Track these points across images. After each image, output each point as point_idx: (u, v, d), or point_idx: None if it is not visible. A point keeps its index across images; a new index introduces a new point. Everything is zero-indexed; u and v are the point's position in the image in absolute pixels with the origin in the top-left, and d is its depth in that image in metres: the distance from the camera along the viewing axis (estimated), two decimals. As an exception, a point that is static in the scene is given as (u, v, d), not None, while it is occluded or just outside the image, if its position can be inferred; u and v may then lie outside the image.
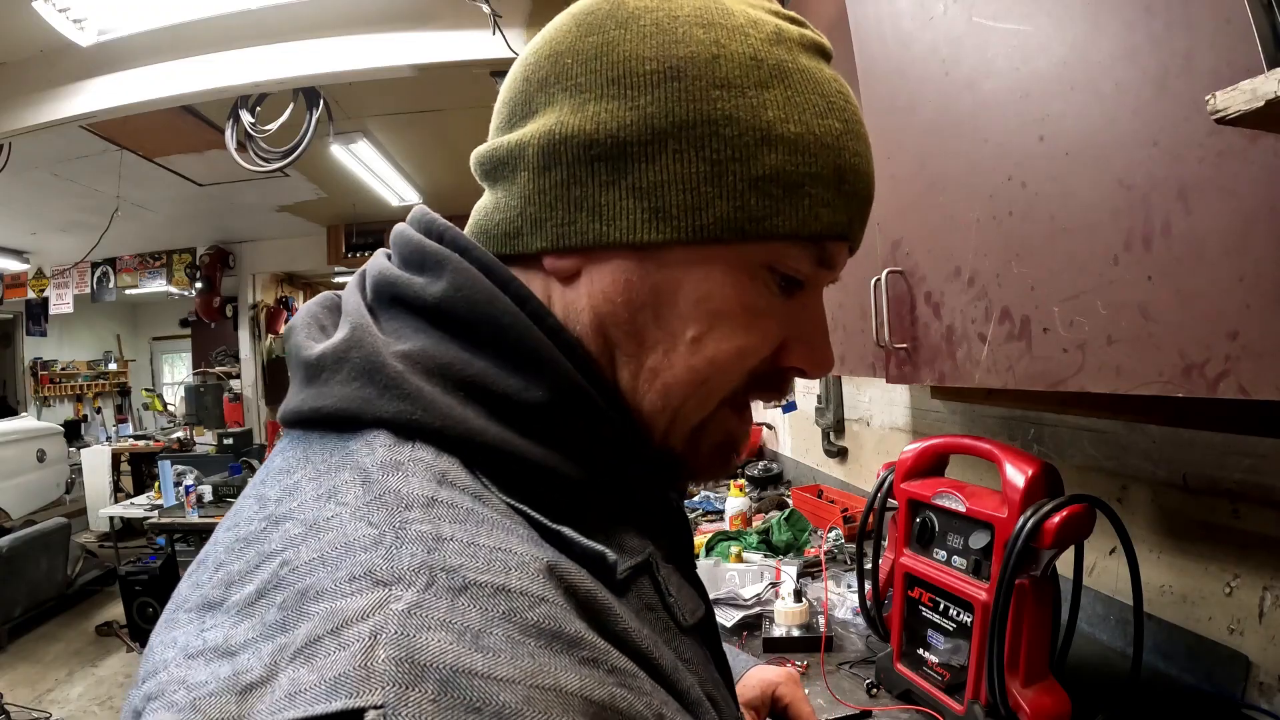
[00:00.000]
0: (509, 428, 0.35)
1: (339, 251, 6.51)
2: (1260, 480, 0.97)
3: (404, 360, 0.35)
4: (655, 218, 0.37)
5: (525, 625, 0.27)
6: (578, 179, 0.38)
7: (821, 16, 1.44)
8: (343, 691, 0.24)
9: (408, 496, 0.31)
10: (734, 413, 0.43)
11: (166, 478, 4.36)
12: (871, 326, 1.21)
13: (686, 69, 0.37)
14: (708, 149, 0.37)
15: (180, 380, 9.53)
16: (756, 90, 0.37)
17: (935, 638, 1.08)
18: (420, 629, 0.25)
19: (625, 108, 0.37)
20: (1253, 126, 0.46)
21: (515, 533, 0.31)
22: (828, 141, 0.38)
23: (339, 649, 0.25)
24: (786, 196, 0.37)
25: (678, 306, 0.38)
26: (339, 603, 0.26)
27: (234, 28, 2.51)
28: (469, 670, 0.25)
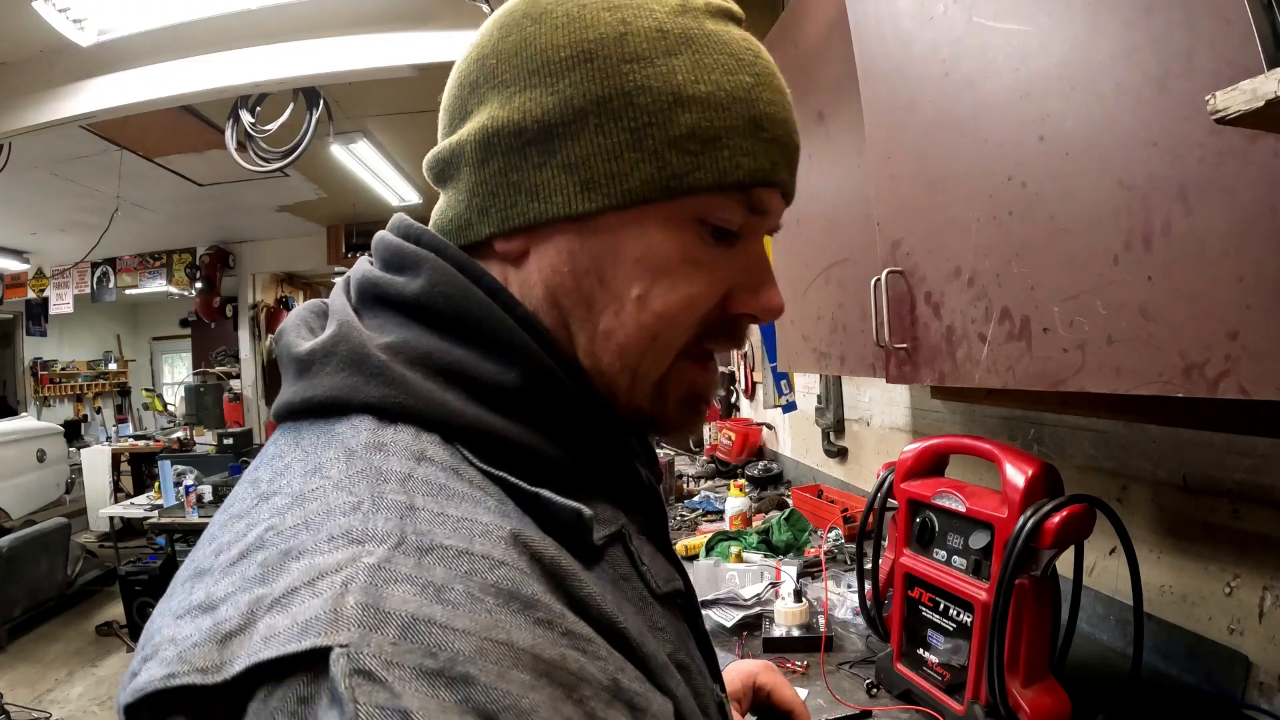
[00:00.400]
0: (487, 408, 0.38)
1: (339, 251, 6.51)
2: (1260, 480, 0.97)
3: (387, 351, 0.38)
4: (586, 189, 0.40)
5: (485, 584, 0.29)
6: (513, 165, 0.41)
7: (821, 16, 1.44)
8: (312, 632, 0.26)
9: (387, 472, 0.33)
10: (694, 363, 0.44)
11: (166, 478, 4.36)
12: (871, 326, 1.21)
13: (597, 50, 0.39)
14: (625, 118, 0.39)
15: (180, 380, 9.53)
16: (665, 58, 0.40)
17: (935, 638, 1.08)
18: (387, 581, 0.28)
19: (547, 94, 0.40)
20: (1253, 126, 0.46)
21: (484, 505, 0.34)
22: (739, 95, 0.40)
23: (313, 597, 0.27)
24: (705, 151, 0.40)
25: (620, 268, 0.41)
26: (316, 559, 0.29)
27: (234, 28, 2.51)
28: (428, 619, 0.27)
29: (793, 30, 1.62)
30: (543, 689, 0.28)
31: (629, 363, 0.42)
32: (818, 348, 1.59)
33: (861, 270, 1.32)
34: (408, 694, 0.25)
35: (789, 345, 1.81)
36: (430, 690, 0.25)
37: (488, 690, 0.26)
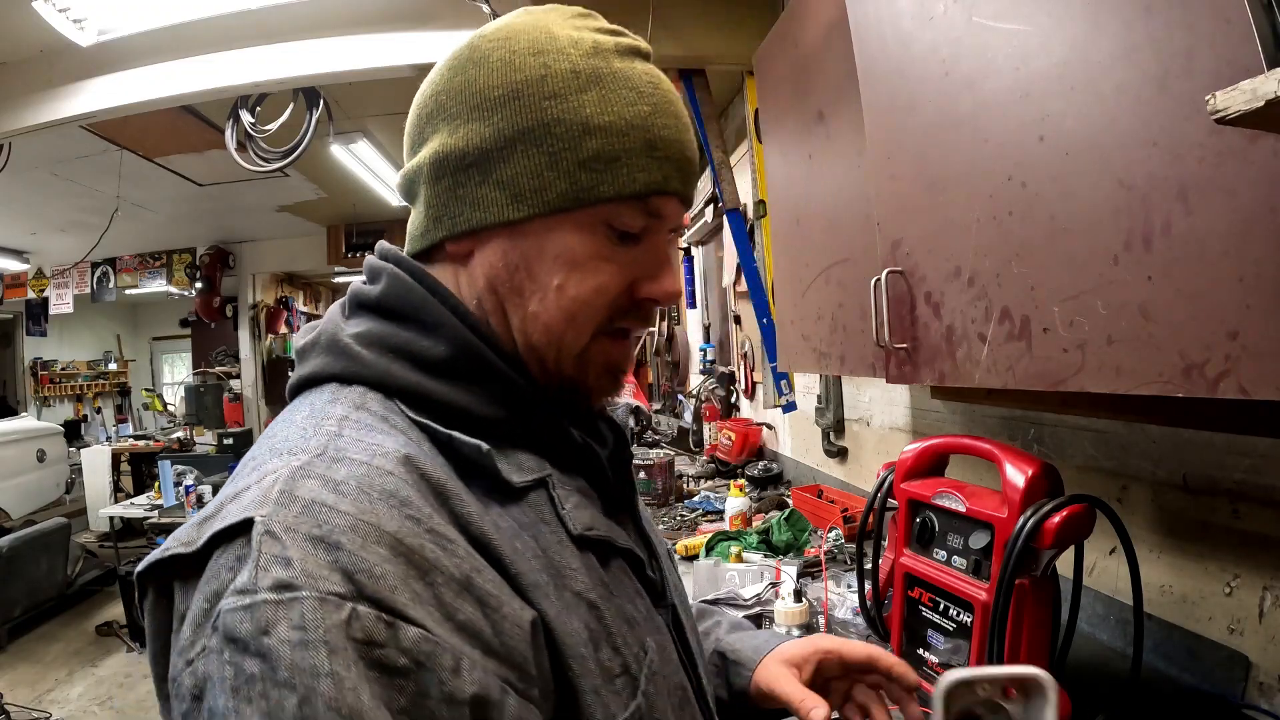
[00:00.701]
0: (425, 374, 0.49)
1: (339, 251, 6.51)
2: (1260, 480, 0.97)
3: (354, 337, 0.50)
4: (515, 201, 0.50)
5: (371, 485, 0.40)
6: (459, 183, 0.51)
7: (821, 16, 1.44)
8: (248, 510, 0.38)
9: (331, 414, 0.46)
10: (610, 340, 0.54)
11: (166, 478, 4.37)
12: (871, 326, 1.21)
13: (523, 89, 0.49)
14: (545, 145, 0.49)
15: (180, 380, 9.53)
16: (577, 95, 0.49)
17: (935, 638, 1.08)
18: (303, 477, 0.40)
19: (485, 125, 0.50)
20: (1253, 126, 0.46)
21: (393, 437, 0.45)
22: (637, 123, 0.50)
23: (256, 489, 0.40)
24: (607, 169, 0.49)
25: (543, 263, 0.51)
26: (264, 465, 0.42)
27: (234, 28, 2.50)
28: (323, 503, 0.38)
29: (793, 30, 1.62)
30: (397, 564, 0.37)
31: (553, 338, 0.52)
32: (818, 348, 1.59)
33: (861, 270, 1.31)
34: (293, 548, 0.36)
35: (789, 345, 1.81)
36: (311, 548, 0.36)
37: (351, 555, 0.37)
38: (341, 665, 0.33)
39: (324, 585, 0.35)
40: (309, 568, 0.35)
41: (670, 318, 5.39)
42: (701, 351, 4.19)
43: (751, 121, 2.47)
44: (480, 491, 0.46)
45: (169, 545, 0.40)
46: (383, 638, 0.35)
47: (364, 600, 0.35)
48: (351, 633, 0.34)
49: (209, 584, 0.37)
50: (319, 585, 0.35)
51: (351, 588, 0.35)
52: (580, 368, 0.53)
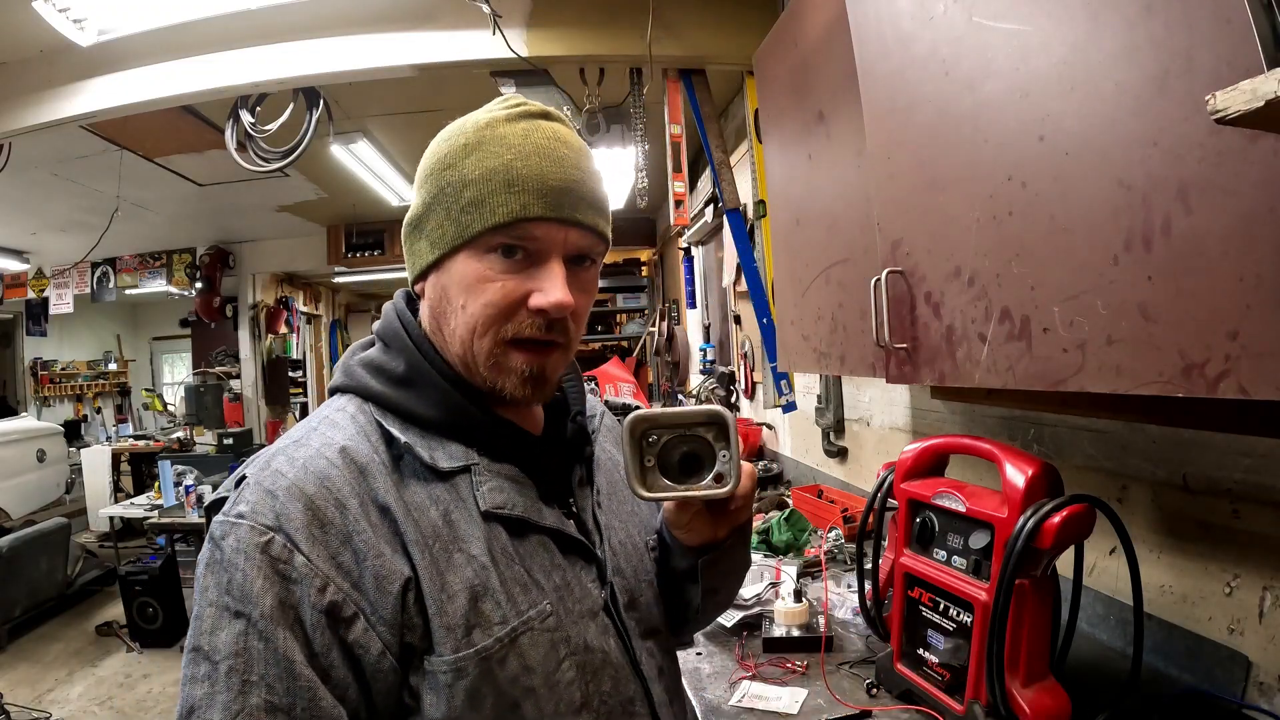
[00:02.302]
0: (390, 386, 0.67)
1: (339, 251, 6.50)
2: (1260, 480, 0.97)
3: (357, 362, 0.71)
4: (432, 247, 0.66)
5: (311, 465, 0.60)
6: (412, 239, 0.69)
7: (821, 16, 1.44)
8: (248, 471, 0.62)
9: (321, 415, 0.67)
10: (515, 350, 0.65)
11: (166, 478, 4.36)
12: (871, 326, 1.21)
13: (434, 166, 0.67)
14: (443, 203, 0.65)
15: (180, 380, 9.52)
16: (462, 160, 0.65)
17: (935, 638, 1.08)
18: (279, 455, 0.61)
19: (418, 196, 0.68)
20: (1253, 126, 0.46)
21: (345, 432, 0.64)
22: (500, 167, 0.63)
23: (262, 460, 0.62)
24: (477, 210, 0.63)
25: (452, 289, 0.66)
26: (273, 446, 0.64)
27: (234, 28, 2.50)
28: (280, 471, 0.59)
29: (793, 30, 1.62)
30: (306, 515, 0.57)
31: (466, 347, 0.66)
32: (818, 348, 1.59)
33: (861, 270, 1.31)
34: (253, 496, 0.58)
35: (789, 345, 1.81)
36: (262, 497, 0.58)
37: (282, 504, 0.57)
38: (250, 566, 0.55)
39: (260, 519, 0.56)
40: (256, 508, 0.57)
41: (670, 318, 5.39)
42: (701, 351, 4.19)
43: (751, 121, 2.47)
44: (408, 472, 0.63)
45: (220, 493, 0.63)
46: (284, 557, 0.55)
47: (280, 533, 0.56)
48: (269, 550, 0.55)
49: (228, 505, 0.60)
50: (257, 519, 0.56)
51: (276, 523, 0.56)
52: (494, 372, 0.66)
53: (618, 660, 0.68)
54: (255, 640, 0.53)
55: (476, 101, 0.73)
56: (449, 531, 0.61)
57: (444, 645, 0.58)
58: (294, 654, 0.54)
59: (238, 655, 0.53)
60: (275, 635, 0.53)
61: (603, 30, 2.47)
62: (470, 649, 0.58)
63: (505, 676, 0.59)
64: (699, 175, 3.87)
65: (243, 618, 0.54)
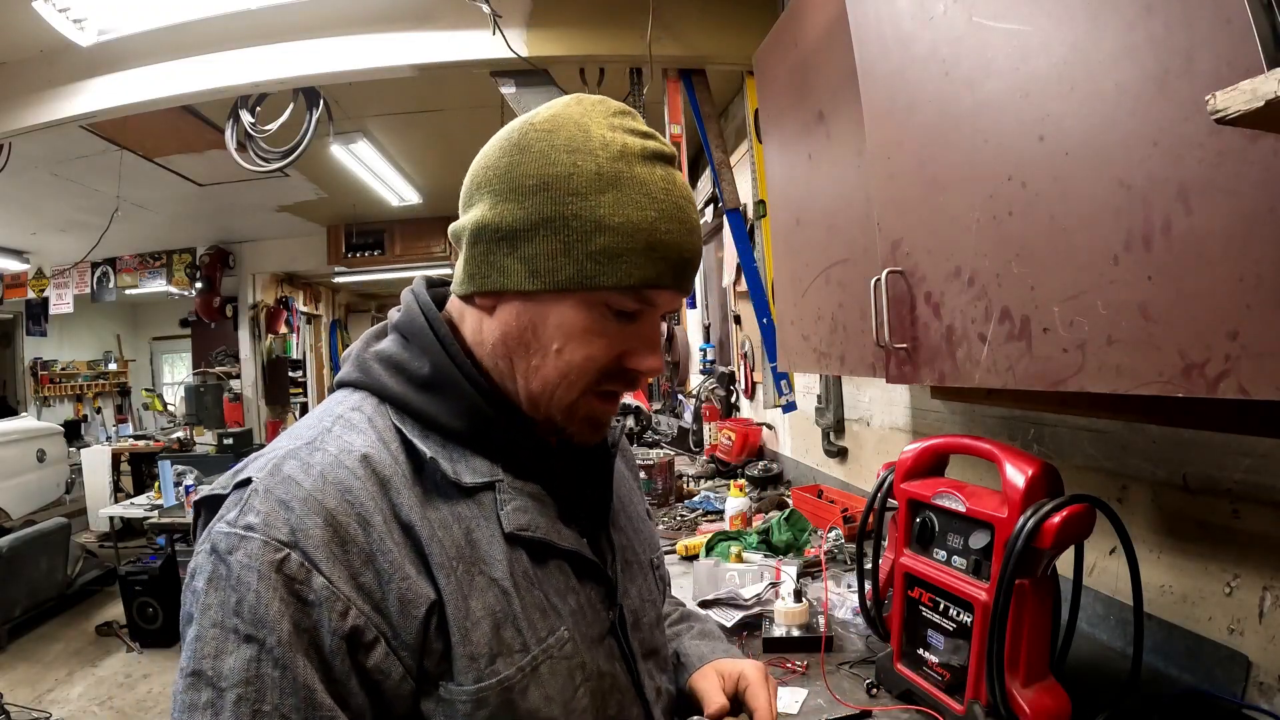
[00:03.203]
0: (410, 387, 0.62)
1: (339, 251, 6.51)
2: (1260, 480, 0.97)
3: (373, 355, 0.65)
4: (532, 275, 0.59)
5: (330, 474, 0.55)
6: (490, 251, 0.61)
7: (821, 16, 1.44)
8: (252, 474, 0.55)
9: (332, 413, 0.61)
10: (597, 399, 0.64)
11: (166, 478, 4.36)
12: (871, 326, 1.21)
13: (553, 183, 0.58)
14: (562, 234, 0.58)
15: (180, 380, 9.52)
16: (596, 195, 0.58)
17: (935, 638, 1.08)
18: (290, 459, 0.56)
19: (518, 207, 0.59)
20: (1253, 126, 0.46)
21: (366, 437, 0.58)
22: (643, 226, 0.58)
23: (264, 459, 0.57)
24: (610, 263, 0.58)
25: (547, 330, 0.61)
26: (277, 445, 0.59)
27: (234, 28, 2.50)
28: (293, 479, 0.54)
29: (793, 30, 1.62)
30: (326, 531, 0.52)
31: (548, 390, 0.62)
32: (818, 348, 1.59)
33: (861, 270, 1.31)
34: (264, 505, 0.53)
35: (789, 345, 1.81)
36: (274, 507, 0.52)
37: (299, 519, 0.52)
38: (264, 586, 0.50)
39: (273, 533, 0.51)
40: (269, 520, 0.52)
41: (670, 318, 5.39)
42: (701, 351, 4.19)
43: (751, 121, 2.47)
44: (430, 485, 0.59)
45: (214, 488, 0.57)
46: (300, 577, 0.51)
47: (297, 550, 0.51)
48: (284, 569, 0.50)
49: (221, 513, 0.54)
50: (270, 533, 0.51)
51: (292, 539, 0.51)
52: (567, 416, 0.64)
53: (624, 684, 0.66)
54: (269, 668, 0.49)
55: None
56: (471, 552, 0.58)
57: (465, 675, 0.55)
58: (313, 682, 0.50)
59: (248, 683, 0.49)
60: (293, 663, 0.49)
61: (603, 30, 2.47)
62: (493, 679, 0.55)
63: (526, 707, 0.57)
64: (699, 175, 3.87)
65: (254, 642, 0.49)
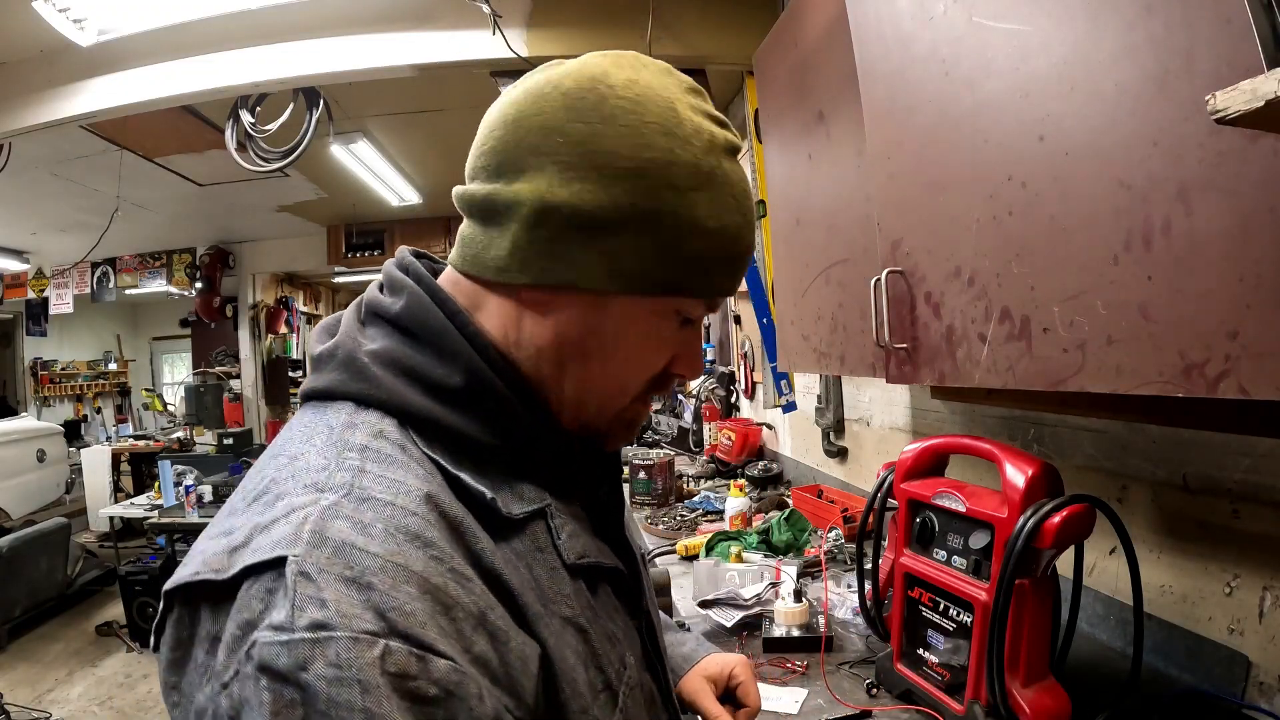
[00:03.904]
0: (436, 401, 0.50)
1: (339, 251, 6.50)
2: (1260, 480, 0.97)
3: (370, 356, 0.51)
4: (611, 275, 0.51)
5: (398, 526, 0.42)
6: (559, 239, 0.50)
7: (821, 16, 1.44)
8: (280, 547, 0.40)
9: (352, 443, 0.47)
10: (639, 403, 0.58)
11: (166, 478, 4.36)
12: (871, 326, 1.21)
13: (649, 169, 0.49)
14: (654, 232, 0.50)
15: (180, 380, 9.52)
16: (692, 192, 0.51)
17: (935, 638, 1.08)
18: (333, 517, 0.41)
19: (601, 190, 0.49)
20: (1253, 126, 0.46)
21: (414, 472, 0.46)
22: (732, 234, 0.53)
23: (286, 524, 0.41)
24: (701, 273, 0.53)
25: (614, 335, 0.53)
26: (293, 499, 0.43)
27: (234, 28, 2.50)
28: (353, 544, 0.40)
29: (793, 30, 1.62)
30: (424, 601, 0.40)
31: (603, 401, 0.56)
32: (818, 348, 1.59)
33: (861, 270, 1.31)
34: (328, 589, 0.38)
35: (789, 345, 1.81)
36: (344, 589, 0.38)
37: (382, 595, 0.39)
38: (374, 701, 0.36)
39: (357, 624, 0.37)
40: (343, 608, 0.38)
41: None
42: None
43: (751, 121, 2.47)
44: (484, 521, 0.48)
45: (198, 570, 0.41)
46: (414, 670, 0.38)
47: (396, 636, 0.38)
48: (386, 667, 0.37)
49: (240, 613, 0.39)
50: (353, 625, 0.37)
51: (384, 625, 0.38)
52: (611, 423, 0.58)
53: (657, 693, 0.62)
54: None
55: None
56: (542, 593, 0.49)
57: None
58: None
59: None
60: None
61: (603, 30, 2.47)
62: None
63: None
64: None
65: None
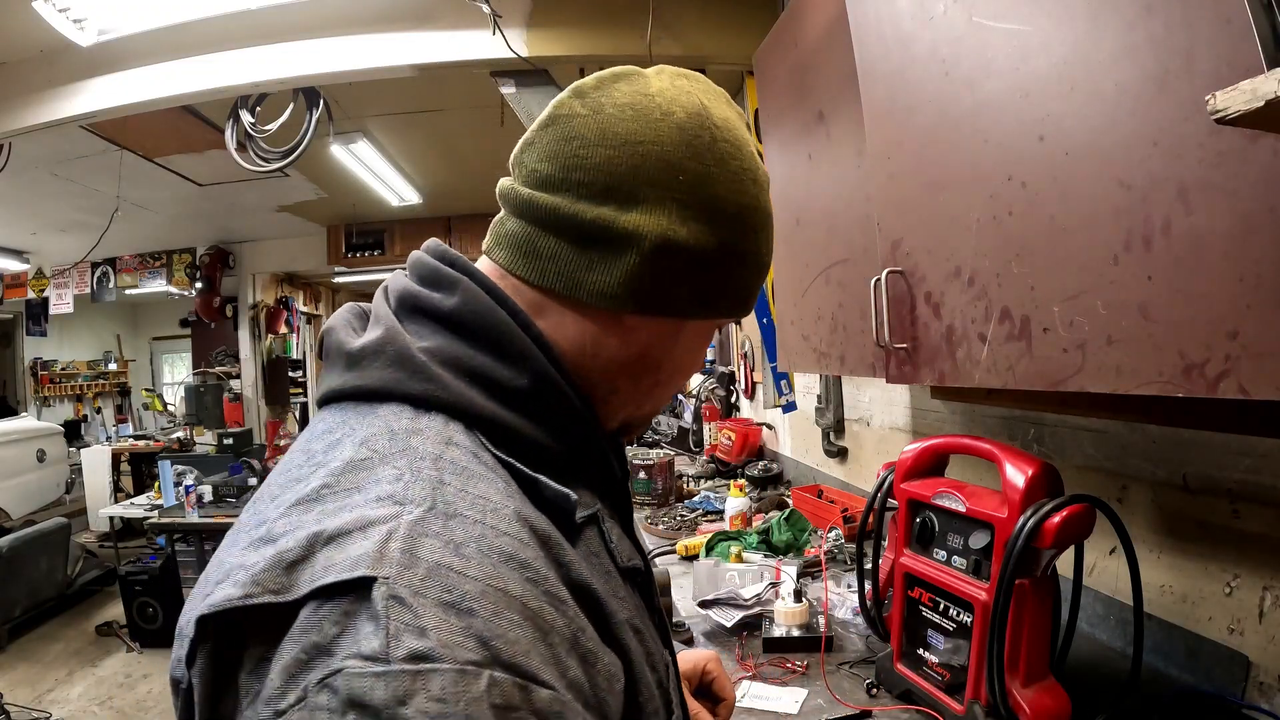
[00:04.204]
0: (502, 405, 0.48)
1: (339, 251, 6.51)
2: (1260, 480, 0.97)
3: (426, 353, 0.48)
4: (701, 305, 0.55)
5: (491, 547, 0.39)
6: (674, 276, 0.52)
7: (821, 16, 1.44)
8: (362, 566, 0.35)
9: (422, 451, 0.43)
10: None
11: (166, 478, 4.37)
12: (871, 326, 1.21)
13: (744, 215, 0.54)
14: (738, 269, 0.55)
15: (180, 380, 9.52)
16: (759, 231, 0.56)
17: (935, 638, 1.08)
18: (421, 535, 0.37)
19: (711, 232, 0.53)
20: (1253, 126, 0.46)
21: (495, 486, 0.43)
22: (765, 263, 0.58)
23: (364, 539, 0.37)
24: (746, 297, 0.58)
25: (677, 354, 0.57)
26: (366, 511, 0.38)
27: (234, 28, 2.51)
28: (448, 566, 0.37)
29: (793, 30, 1.62)
30: (525, 628, 0.37)
31: (654, 409, 0.61)
32: (818, 348, 1.59)
33: (861, 270, 1.32)
34: (427, 615, 0.35)
35: (789, 345, 1.81)
36: (444, 616, 0.35)
37: (486, 622, 0.36)
38: None
39: (461, 654, 0.34)
40: (444, 637, 0.34)
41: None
42: (701, 351, 4.18)
43: (751, 121, 2.47)
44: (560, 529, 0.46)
45: (249, 592, 0.36)
46: (517, 702, 0.35)
47: (499, 666, 0.35)
48: (491, 699, 0.34)
49: (306, 634, 0.35)
50: (457, 655, 0.34)
51: (487, 654, 0.35)
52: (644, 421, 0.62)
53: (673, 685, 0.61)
54: None
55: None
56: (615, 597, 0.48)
57: None
58: None
59: None
60: None
61: (603, 30, 2.47)
62: None
63: None
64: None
65: None
